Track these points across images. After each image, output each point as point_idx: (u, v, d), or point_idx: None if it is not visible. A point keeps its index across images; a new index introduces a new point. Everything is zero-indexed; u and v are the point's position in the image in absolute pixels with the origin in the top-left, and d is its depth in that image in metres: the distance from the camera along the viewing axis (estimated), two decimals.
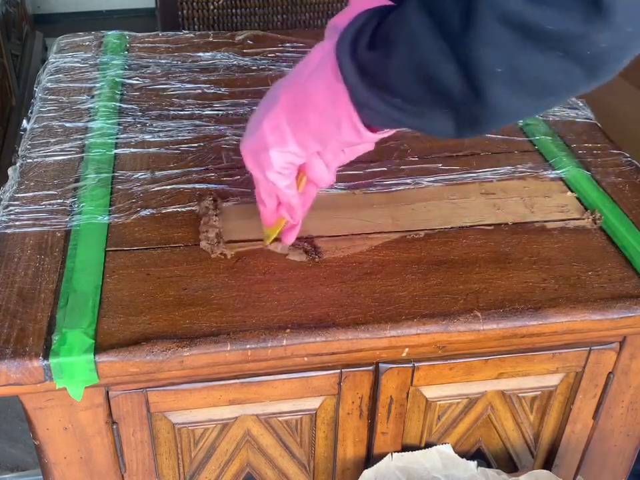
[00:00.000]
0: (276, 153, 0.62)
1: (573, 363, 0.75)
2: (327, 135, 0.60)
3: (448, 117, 0.54)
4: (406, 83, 0.53)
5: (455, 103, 0.52)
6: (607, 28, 0.44)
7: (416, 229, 0.77)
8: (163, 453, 0.73)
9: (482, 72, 0.48)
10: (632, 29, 0.44)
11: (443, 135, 0.57)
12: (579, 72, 0.47)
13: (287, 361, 0.66)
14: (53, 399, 0.66)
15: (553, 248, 0.75)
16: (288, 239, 0.72)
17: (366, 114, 0.57)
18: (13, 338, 0.62)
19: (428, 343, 0.67)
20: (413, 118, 0.56)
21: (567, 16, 0.44)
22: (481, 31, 0.46)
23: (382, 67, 0.53)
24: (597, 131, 0.96)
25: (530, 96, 0.50)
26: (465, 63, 0.48)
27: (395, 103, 0.55)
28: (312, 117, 0.60)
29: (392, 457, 0.76)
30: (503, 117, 0.53)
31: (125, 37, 1.14)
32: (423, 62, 0.50)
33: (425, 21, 0.49)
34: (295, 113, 0.61)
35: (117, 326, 0.64)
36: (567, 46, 0.46)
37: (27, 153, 0.86)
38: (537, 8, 0.44)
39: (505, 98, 0.49)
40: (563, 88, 0.50)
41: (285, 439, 0.76)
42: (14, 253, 0.72)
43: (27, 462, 1.34)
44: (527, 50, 0.46)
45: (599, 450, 0.84)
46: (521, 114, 0.54)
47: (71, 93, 0.98)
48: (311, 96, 0.59)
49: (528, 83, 0.49)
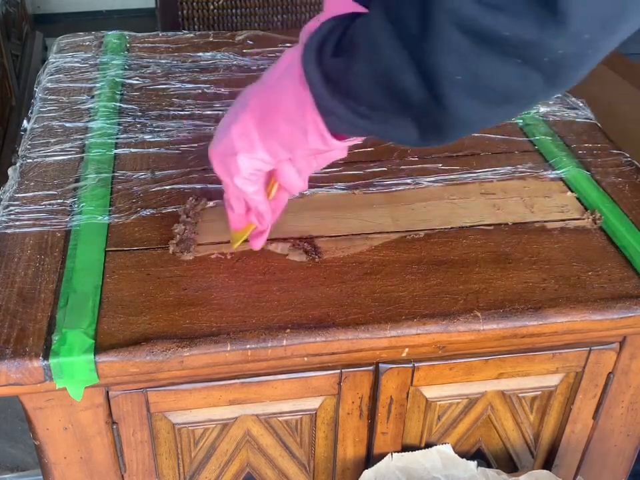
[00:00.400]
0: (244, 159, 0.62)
1: (573, 363, 0.75)
2: (294, 142, 0.60)
3: (411, 125, 0.53)
4: (369, 90, 0.53)
5: (417, 111, 0.52)
6: (562, 35, 0.44)
7: (416, 229, 0.77)
8: (163, 453, 0.73)
9: (441, 79, 0.48)
10: (589, 36, 0.44)
11: (408, 143, 0.57)
12: (537, 78, 0.47)
13: (287, 361, 0.66)
14: (53, 398, 0.66)
15: (553, 248, 0.75)
16: (256, 244, 0.72)
17: (331, 121, 0.57)
18: (13, 338, 0.62)
19: (428, 343, 0.67)
20: (377, 125, 0.56)
21: (522, 22, 0.44)
22: (438, 38, 0.46)
23: (345, 74, 0.53)
24: (596, 131, 0.96)
25: (491, 103, 0.49)
26: (425, 70, 0.48)
27: (360, 110, 0.55)
28: (280, 123, 0.60)
29: (392, 457, 0.76)
30: (466, 125, 0.52)
31: (125, 37, 1.14)
32: (384, 69, 0.50)
33: (386, 28, 0.49)
34: (263, 119, 0.61)
35: (116, 326, 0.64)
36: (524, 52, 0.45)
37: (27, 152, 0.86)
38: (492, 14, 0.44)
39: (465, 105, 0.49)
40: (524, 95, 0.49)
41: (285, 439, 0.76)
42: (14, 252, 0.72)
43: (27, 462, 1.34)
44: (485, 56, 0.46)
45: (598, 450, 0.84)
46: (484, 121, 0.53)
47: (71, 93, 0.98)
48: (279, 102, 0.59)
49: (488, 90, 0.48)
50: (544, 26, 0.43)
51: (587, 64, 0.47)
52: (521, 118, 0.97)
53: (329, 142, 0.59)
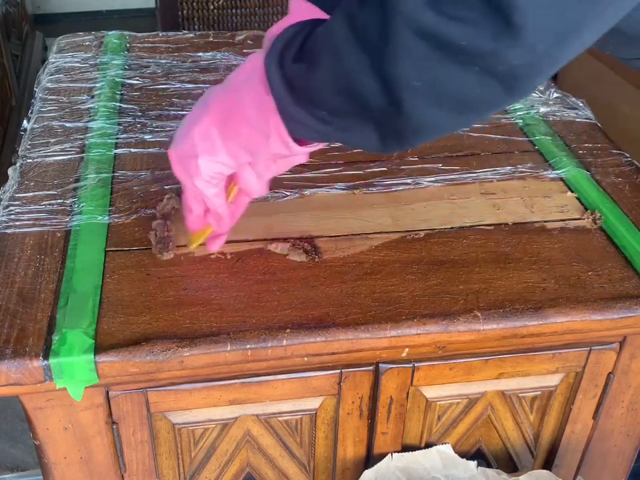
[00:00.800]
0: (205, 162, 0.62)
1: (573, 363, 0.75)
2: (256, 146, 0.60)
3: (372, 130, 0.54)
4: (330, 95, 0.53)
5: (377, 116, 0.52)
6: (517, 45, 0.44)
7: (416, 229, 0.77)
8: (163, 452, 0.73)
9: (400, 86, 0.48)
10: (543, 48, 0.45)
11: (369, 149, 0.57)
12: (495, 87, 0.47)
13: (287, 361, 0.66)
14: (53, 398, 0.66)
15: (553, 248, 0.75)
16: (212, 246, 0.72)
17: (293, 127, 0.57)
18: (13, 338, 0.62)
19: (428, 343, 0.67)
20: (338, 131, 0.56)
21: (477, 32, 0.44)
22: (397, 45, 0.46)
23: (307, 79, 0.53)
24: (596, 131, 0.96)
25: (450, 110, 0.50)
26: (384, 76, 0.48)
27: (321, 115, 0.55)
28: (242, 127, 0.60)
29: (392, 457, 0.76)
30: (425, 131, 0.52)
31: (125, 37, 1.15)
32: (345, 75, 0.51)
33: (347, 34, 0.49)
34: (225, 123, 0.61)
35: (117, 326, 0.64)
36: (480, 61, 0.46)
37: (27, 152, 0.86)
38: (450, 23, 0.44)
39: (424, 111, 0.49)
40: (482, 103, 0.50)
41: (285, 439, 0.76)
42: (14, 252, 0.72)
43: (27, 462, 1.34)
44: (443, 64, 0.46)
45: (598, 450, 0.84)
46: (443, 128, 0.53)
47: (71, 93, 0.98)
48: (241, 107, 0.59)
49: (447, 97, 0.49)
50: (499, 37, 0.44)
51: (543, 74, 0.48)
52: (521, 118, 0.97)
53: (290, 147, 0.59)
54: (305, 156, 0.66)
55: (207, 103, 0.63)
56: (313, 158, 0.88)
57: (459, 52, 0.45)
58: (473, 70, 0.46)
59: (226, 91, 0.61)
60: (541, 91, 1.04)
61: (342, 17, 0.50)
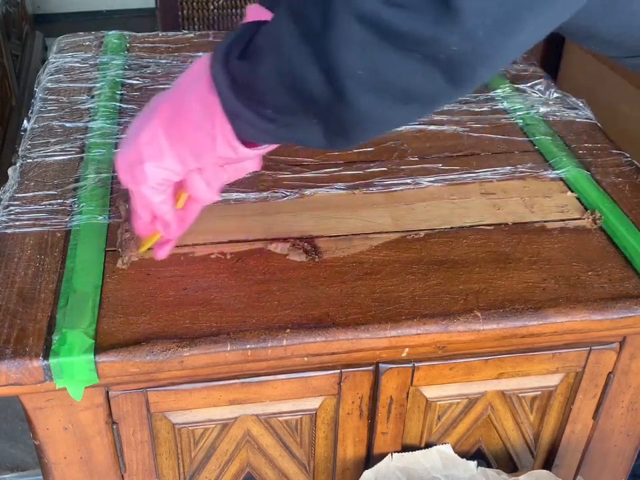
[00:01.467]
0: (151, 167, 0.61)
1: (573, 362, 0.75)
2: (202, 150, 0.59)
3: (317, 126, 0.53)
4: (274, 91, 0.52)
5: (321, 110, 0.51)
6: (456, 31, 0.44)
7: (416, 229, 0.77)
8: (163, 453, 0.73)
9: (343, 74, 0.47)
10: (483, 34, 0.44)
11: (314, 145, 0.56)
12: (437, 76, 0.47)
13: (287, 361, 0.66)
14: (53, 398, 0.66)
15: (553, 248, 0.75)
16: (159, 253, 0.70)
17: (239, 126, 0.56)
18: (13, 338, 0.62)
19: (428, 343, 0.67)
20: (283, 129, 0.55)
21: (417, 17, 0.44)
22: (339, 32, 0.46)
23: (251, 76, 0.53)
24: (597, 131, 0.96)
25: (394, 101, 0.49)
26: (327, 65, 0.48)
27: (265, 113, 0.54)
28: (188, 130, 0.59)
29: (392, 457, 0.76)
30: (371, 124, 0.52)
31: (125, 37, 1.14)
32: (287, 68, 0.50)
33: (289, 27, 0.49)
34: (172, 126, 0.59)
35: (117, 326, 0.64)
36: (422, 48, 0.45)
37: (27, 153, 0.86)
38: (390, 8, 0.44)
39: (368, 101, 0.49)
40: (426, 93, 0.49)
41: (285, 439, 0.76)
42: (14, 252, 0.72)
43: (27, 462, 1.34)
44: (385, 51, 0.46)
45: (598, 450, 0.84)
46: (389, 121, 0.53)
47: (71, 93, 0.98)
48: (187, 109, 0.58)
49: (390, 86, 0.48)
50: (438, 22, 0.44)
51: (487, 65, 0.47)
52: (521, 118, 0.97)
53: (237, 149, 0.58)
54: (255, 163, 0.65)
55: (154, 107, 0.61)
56: (313, 158, 0.88)
57: (399, 38, 0.45)
58: (414, 57, 0.46)
59: (172, 95, 0.60)
60: (541, 90, 1.04)
61: (284, 11, 0.50)
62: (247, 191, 0.82)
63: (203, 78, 0.57)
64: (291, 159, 0.88)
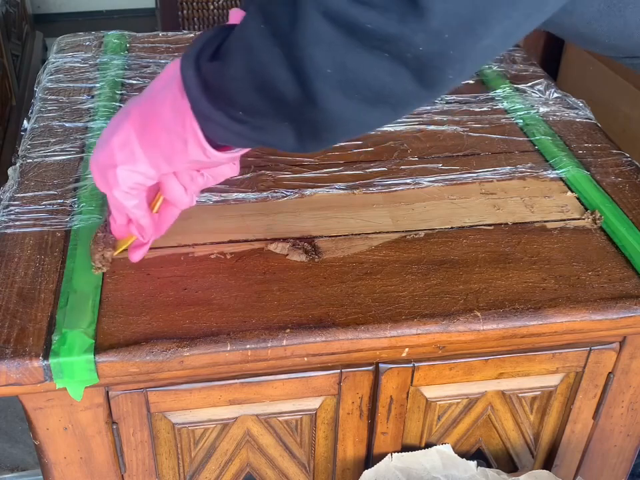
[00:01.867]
0: (124, 172, 0.60)
1: (573, 362, 0.75)
2: (175, 153, 0.59)
3: (288, 128, 0.53)
4: (244, 92, 0.52)
5: (292, 112, 0.51)
6: (422, 30, 0.44)
7: (416, 229, 0.77)
8: (163, 453, 0.74)
9: (312, 73, 0.47)
10: (449, 36, 0.44)
11: (285, 148, 0.56)
12: (406, 75, 0.47)
13: (287, 361, 0.66)
14: (53, 398, 0.66)
15: (553, 248, 0.76)
16: (134, 256, 0.70)
17: (210, 129, 0.56)
18: (13, 338, 0.62)
19: (428, 343, 0.67)
20: (254, 131, 0.55)
21: (384, 15, 0.44)
22: (307, 29, 0.46)
23: (221, 77, 0.53)
24: (597, 131, 0.96)
25: (364, 101, 0.49)
26: (296, 65, 0.47)
27: (236, 115, 0.54)
28: (160, 134, 0.58)
29: (392, 457, 0.76)
30: (342, 125, 0.51)
31: (125, 36, 1.14)
32: (257, 68, 0.50)
33: (259, 27, 0.49)
34: (144, 130, 0.59)
35: (116, 326, 0.64)
36: (389, 46, 0.45)
37: (27, 152, 0.86)
38: (358, 6, 0.44)
39: (337, 101, 0.48)
40: (395, 94, 0.49)
41: (285, 439, 0.76)
42: (14, 252, 0.72)
43: (27, 462, 1.34)
44: (353, 49, 0.46)
45: (598, 450, 0.84)
46: (360, 123, 0.52)
47: (71, 93, 0.98)
48: (159, 112, 0.58)
49: (359, 86, 0.48)
50: (405, 20, 0.43)
51: (455, 67, 0.47)
52: (521, 118, 0.97)
53: (208, 152, 0.58)
54: (234, 168, 0.64)
55: (127, 111, 0.61)
56: (313, 158, 0.88)
57: (367, 36, 0.45)
58: (382, 56, 0.46)
59: (145, 99, 0.60)
60: (541, 91, 1.04)
61: (254, 11, 0.50)
62: (246, 191, 0.82)
63: (174, 81, 0.57)
64: (291, 158, 0.88)
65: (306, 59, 0.46)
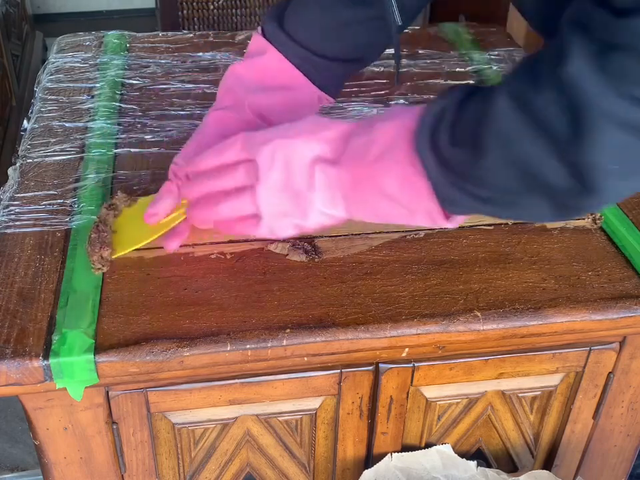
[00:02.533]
0: (317, 214, 0.61)
1: (573, 362, 0.75)
2: (394, 218, 0.60)
3: (546, 205, 0.53)
4: (501, 181, 0.52)
5: (557, 196, 0.52)
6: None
7: (416, 228, 0.77)
8: (162, 453, 0.74)
9: (596, 171, 0.48)
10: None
11: (538, 220, 0.57)
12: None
13: (287, 361, 0.66)
14: (53, 398, 0.66)
15: (553, 248, 0.75)
16: (172, 244, 0.70)
17: (449, 207, 0.57)
18: (13, 338, 0.62)
19: (428, 343, 0.67)
20: (504, 208, 0.56)
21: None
22: (596, 138, 0.46)
23: (472, 165, 0.53)
24: None
25: (636, 177, 0.50)
26: (575, 164, 0.48)
27: (481, 194, 0.54)
28: (378, 200, 0.58)
29: (392, 457, 0.76)
30: (612, 203, 0.56)
31: (125, 36, 1.14)
32: (522, 162, 0.50)
33: (522, 120, 0.49)
34: (356, 193, 0.59)
35: (116, 326, 0.64)
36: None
37: (27, 152, 0.86)
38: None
39: (617, 188, 0.50)
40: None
41: (285, 439, 0.76)
42: (14, 252, 0.72)
43: (27, 462, 1.34)
44: None
45: (599, 450, 0.84)
46: (629, 194, 0.54)
47: (71, 93, 0.98)
48: (381, 182, 0.57)
49: (636, 168, 0.49)
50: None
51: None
52: None
53: (437, 223, 0.58)
54: None
55: (335, 172, 0.59)
56: None
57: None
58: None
59: (361, 161, 0.58)
60: None
61: (509, 100, 0.50)
62: None
63: (401, 151, 0.56)
64: None
65: (590, 160, 0.48)
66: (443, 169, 0.54)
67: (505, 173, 0.52)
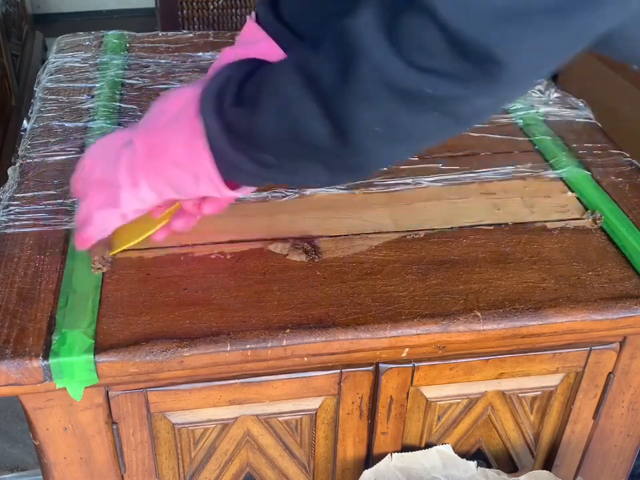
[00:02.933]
0: (127, 195, 0.61)
1: (573, 362, 0.75)
2: (183, 186, 0.59)
3: (322, 169, 0.54)
4: (276, 140, 0.52)
5: (329, 157, 0.52)
6: (491, 95, 0.45)
7: (416, 228, 0.77)
8: (162, 453, 0.73)
9: (356, 126, 0.48)
10: (512, 95, 0.47)
11: (317, 184, 0.57)
12: (453, 125, 0.49)
13: (287, 361, 0.66)
14: (53, 398, 0.66)
15: (553, 248, 0.75)
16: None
17: (230, 172, 0.57)
18: (12, 338, 0.62)
19: (428, 343, 0.67)
20: (285, 174, 0.56)
21: (447, 83, 0.44)
22: (358, 93, 0.46)
23: (250, 124, 0.53)
24: (597, 131, 0.96)
25: (407, 147, 0.52)
26: (339, 121, 0.48)
27: (265, 160, 0.54)
28: (168, 168, 0.58)
29: (392, 457, 0.76)
30: (377, 166, 0.54)
31: (125, 37, 1.14)
32: (293, 121, 0.50)
33: (296, 81, 0.49)
34: (150, 162, 0.59)
35: (116, 326, 0.64)
36: (445, 107, 0.46)
37: (27, 152, 0.86)
38: (419, 75, 0.44)
39: (381, 152, 0.51)
40: (435, 138, 0.52)
41: (285, 439, 0.76)
42: (14, 253, 0.72)
43: (27, 462, 1.34)
44: (406, 112, 0.47)
45: (599, 450, 0.84)
46: (394, 160, 0.55)
47: (71, 93, 0.98)
48: (168, 148, 0.58)
49: (406, 138, 0.50)
50: (473, 87, 0.45)
51: (500, 108, 0.50)
52: (521, 118, 0.97)
53: (222, 191, 0.58)
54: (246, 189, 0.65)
55: (130, 140, 0.61)
56: None
57: (424, 99, 0.46)
58: (433, 114, 0.47)
59: (152, 131, 0.59)
60: (541, 91, 1.04)
61: (291, 64, 0.50)
62: None
63: (186, 119, 0.56)
64: None
65: (352, 119, 0.47)
66: (226, 132, 0.54)
67: (279, 133, 0.51)
